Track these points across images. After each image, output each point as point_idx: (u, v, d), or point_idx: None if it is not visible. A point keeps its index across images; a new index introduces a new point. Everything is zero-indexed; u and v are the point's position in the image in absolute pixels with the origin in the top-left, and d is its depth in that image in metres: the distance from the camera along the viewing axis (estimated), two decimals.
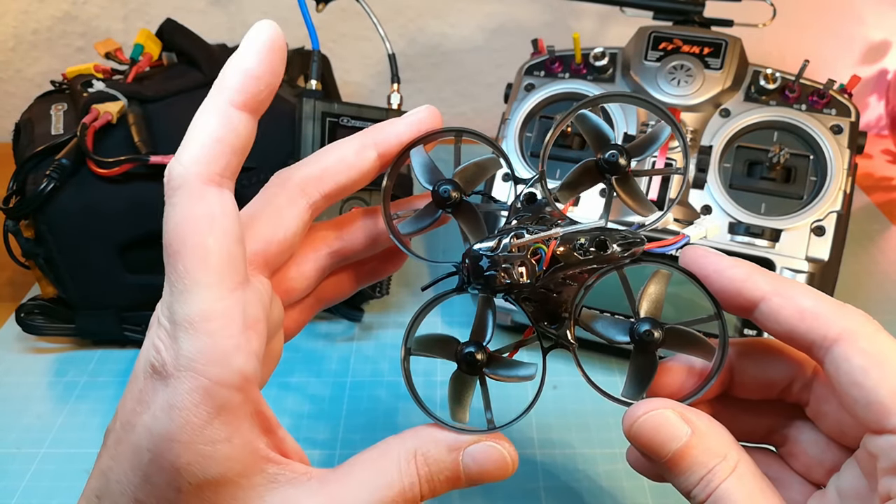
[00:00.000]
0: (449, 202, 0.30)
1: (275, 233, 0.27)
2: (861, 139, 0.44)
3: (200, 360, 0.21)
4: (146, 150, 0.44)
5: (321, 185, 0.28)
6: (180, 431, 0.21)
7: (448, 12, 0.73)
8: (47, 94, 0.51)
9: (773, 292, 0.24)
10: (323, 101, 0.46)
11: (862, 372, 0.22)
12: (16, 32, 0.72)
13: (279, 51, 0.24)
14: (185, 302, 0.22)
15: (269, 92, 0.24)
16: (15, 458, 0.41)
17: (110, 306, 0.47)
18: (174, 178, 0.23)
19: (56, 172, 0.43)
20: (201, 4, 0.71)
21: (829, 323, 0.23)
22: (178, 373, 0.21)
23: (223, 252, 0.22)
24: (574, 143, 0.47)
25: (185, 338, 0.21)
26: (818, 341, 0.23)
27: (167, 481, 0.22)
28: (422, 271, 0.57)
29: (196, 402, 0.21)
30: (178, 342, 0.22)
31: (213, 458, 0.22)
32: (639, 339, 0.26)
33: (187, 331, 0.21)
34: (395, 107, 0.50)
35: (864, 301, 0.53)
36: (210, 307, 0.22)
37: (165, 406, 0.22)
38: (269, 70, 0.24)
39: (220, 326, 0.22)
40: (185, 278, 0.22)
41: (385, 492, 0.24)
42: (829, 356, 0.23)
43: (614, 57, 0.48)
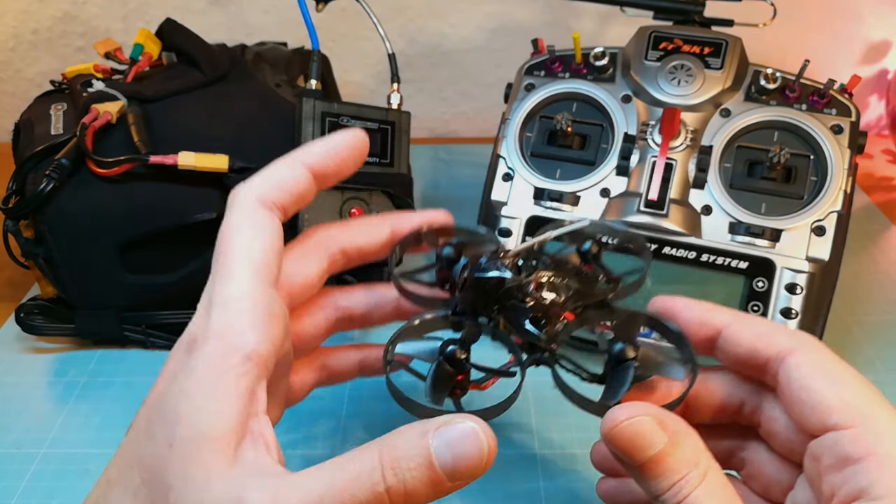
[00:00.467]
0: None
1: (300, 269, 0.30)
2: (861, 139, 0.44)
3: (226, 329, 0.25)
4: (146, 149, 0.44)
5: (343, 242, 0.32)
6: (189, 383, 0.24)
7: (448, 12, 0.73)
8: (47, 94, 0.52)
9: (734, 320, 0.28)
10: (323, 101, 0.46)
11: (810, 377, 0.25)
12: (15, 32, 0.73)
13: (360, 156, 0.30)
14: (223, 287, 0.26)
15: (336, 177, 0.30)
16: (14, 458, 0.41)
17: (110, 306, 0.47)
18: (238, 194, 0.28)
19: (56, 172, 0.43)
20: (201, 4, 0.71)
21: (783, 341, 0.27)
22: (204, 341, 0.25)
23: (263, 256, 0.26)
24: (574, 143, 0.47)
25: (216, 313, 0.25)
26: (773, 356, 0.26)
27: (164, 434, 0.24)
28: None
29: (211, 363, 0.24)
30: (210, 317, 0.25)
31: (206, 411, 0.24)
32: (615, 356, 0.28)
33: (219, 307, 0.25)
34: (395, 107, 0.50)
35: (864, 301, 0.53)
36: (242, 291, 0.25)
37: (187, 368, 0.25)
38: (347, 159, 0.30)
39: (248, 307, 0.25)
40: (227, 269, 0.26)
41: (340, 484, 0.22)
42: (782, 367, 0.26)
43: (614, 57, 0.48)
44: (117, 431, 0.43)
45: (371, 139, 0.47)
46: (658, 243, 0.44)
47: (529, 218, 0.46)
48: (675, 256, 0.44)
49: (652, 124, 0.45)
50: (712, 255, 0.43)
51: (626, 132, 0.46)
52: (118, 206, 0.45)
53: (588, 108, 0.48)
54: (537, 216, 0.46)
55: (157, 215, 0.45)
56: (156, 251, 0.47)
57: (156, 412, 0.25)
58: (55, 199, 0.44)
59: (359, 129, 0.31)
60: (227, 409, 0.24)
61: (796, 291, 0.42)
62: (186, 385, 0.24)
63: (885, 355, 0.48)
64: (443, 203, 0.65)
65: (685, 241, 0.44)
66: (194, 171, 0.44)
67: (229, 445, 0.23)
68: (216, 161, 0.45)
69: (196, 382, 0.24)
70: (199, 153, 0.44)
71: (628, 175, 0.45)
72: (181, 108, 0.48)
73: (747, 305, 0.42)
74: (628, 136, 0.46)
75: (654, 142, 0.45)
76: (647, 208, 0.44)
